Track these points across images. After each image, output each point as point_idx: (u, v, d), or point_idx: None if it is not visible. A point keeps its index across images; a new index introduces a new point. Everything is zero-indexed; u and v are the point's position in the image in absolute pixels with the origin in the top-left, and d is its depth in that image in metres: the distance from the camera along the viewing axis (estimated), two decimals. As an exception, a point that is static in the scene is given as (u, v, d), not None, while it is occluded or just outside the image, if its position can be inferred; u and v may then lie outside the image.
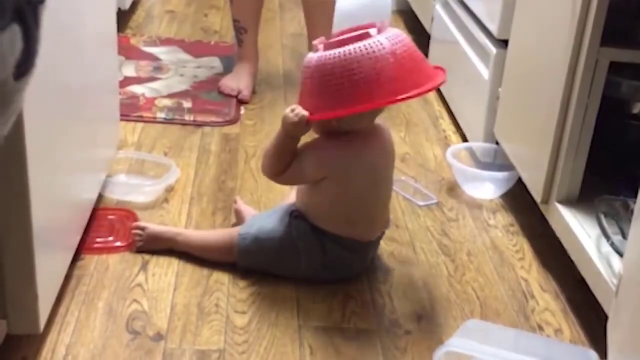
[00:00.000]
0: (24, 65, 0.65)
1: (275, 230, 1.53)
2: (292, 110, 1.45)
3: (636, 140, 1.62)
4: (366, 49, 1.39)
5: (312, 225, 1.51)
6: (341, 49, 1.41)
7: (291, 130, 1.46)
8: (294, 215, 1.53)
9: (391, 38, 1.41)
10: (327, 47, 1.44)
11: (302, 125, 1.44)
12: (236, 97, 2.36)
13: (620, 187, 1.52)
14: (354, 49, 1.40)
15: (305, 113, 1.43)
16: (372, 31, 1.43)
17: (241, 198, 1.81)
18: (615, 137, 1.64)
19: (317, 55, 1.44)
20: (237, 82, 2.40)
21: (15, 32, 0.62)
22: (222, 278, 1.54)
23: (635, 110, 1.65)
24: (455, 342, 1.25)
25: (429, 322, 1.47)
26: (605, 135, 1.57)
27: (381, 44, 1.39)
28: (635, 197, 1.19)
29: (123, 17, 2.90)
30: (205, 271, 1.56)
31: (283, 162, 1.50)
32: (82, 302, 1.43)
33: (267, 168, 1.53)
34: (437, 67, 1.50)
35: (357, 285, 1.55)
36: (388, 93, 1.39)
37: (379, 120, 1.56)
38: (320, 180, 1.49)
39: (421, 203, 1.88)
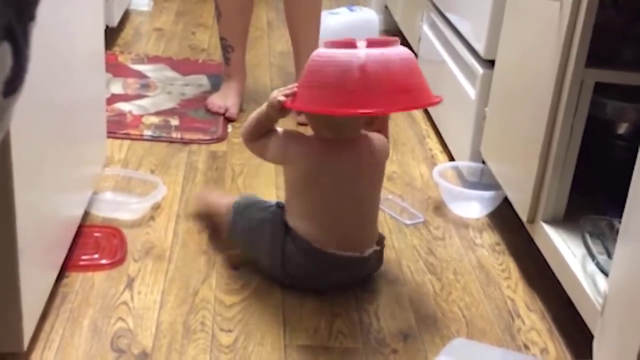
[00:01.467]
0: (13, 82, 0.65)
1: (260, 207, 1.62)
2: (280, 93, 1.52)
3: (621, 160, 1.63)
4: (339, 57, 1.43)
5: (283, 216, 1.57)
6: (328, 51, 1.46)
7: (269, 110, 1.53)
8: (277, 202, 1.61)
9: (371, 55, 1.42)
10: (327, 45, 1.49)
11: (276, 108, 1.51)
12: (223, 114, 2.37)
13: (605, 207, 1.53)
14: (332, 54, 1.44)
15: (282, 99, 1.49)
16: (360, 43, 1.46)
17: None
18: (601, 157, 1.65)
19: (317, 50, 1.50)
20: (225, 100, 2.40)
21: (5, 49, 0.62)
22: (208, 296, 1.53)
23: (620, 131, 1.66)
24: (441, 362, 1.25)
25: (415, 341, 1.46)
26: (591, 155, 1.58)
27: (356, 56, 1.42)
28: (621, 217, 1.19)
29: (111, 35, 2.91)
30: (191, 289, 1.55)
31: (256, 133, 1.58)
32: (66, 320, 1.42)
33: (243, 130, 1.61)
34: (435, 96, 1.52)
35: (344, 304, 1.55)
36: (343, 104, 1.42)
37: (379, 136, 1.61)
38: (286, 170, 1.58)
39: (408, 222, 1.88)
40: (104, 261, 1.60)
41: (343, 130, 1.54)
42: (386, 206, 1.93)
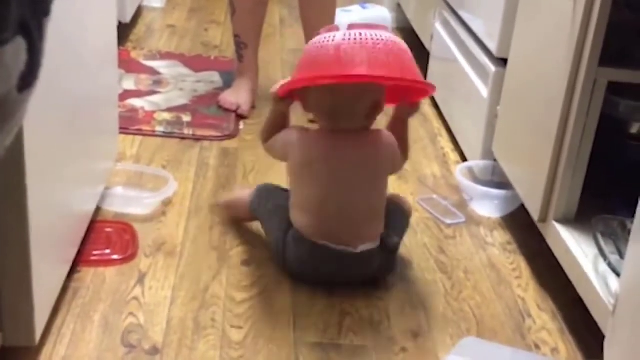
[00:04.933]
0: (28, 77, 0.65)
1: (279, 195, 1.67)
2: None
3: (634, 159, 1.63)
4: (318, 39, 1.50)
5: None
6: (314, 39, 1.52)
7: (272, 104, 1.61)
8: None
9: (348, 35, 1.47)
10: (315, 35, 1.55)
11: (274, 99, 1.59)
12: (235, 112, 2.37)
13: (617, 207, 1.53)
14: (315, 38, 1.51)
15: (275, 89, 1.56)
16: (342, 26, 1.51)
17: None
18: (613, 157, 1.64)
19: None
20: (237, 97, 2.41)
21: (20, 44, 0.63)
22: (218, 292, 1.54)
23: (633, 130, 1.65)
24: (451, 360, 1.25)
25: (425, 339, 1.46)
26: (603, 154, 1.57)
27: (332, 37, 1.48)
28: (633, 216, 1.19)
29: (124, 31, 2.91)
30: (202, 285, 1.55)
31: (268, 132, 1.63)
32: (78, 315, 1.43)
33: (261, 132, 1.67)
34: (425, 83, 1.57)
35: (354, 302, 1.55)
36: (318, 77, 1.49)
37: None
38: (291, 163, 1.60)
39: (449, 222, 1.88)
40: (115, 256, 1.61)
41: (339, 117, 1.55)
42: (429, 206, 1.93)
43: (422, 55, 2.86)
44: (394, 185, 2.01)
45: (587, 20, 1.47)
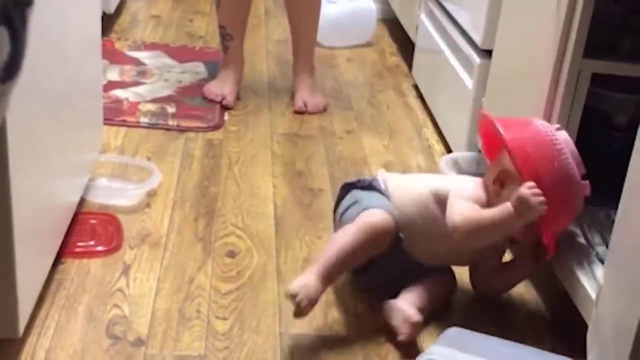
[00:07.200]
0: (11, 68, 0.64)
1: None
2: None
3: (619, 151, 1.63)
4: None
5: None
6: None
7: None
8: None
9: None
10: None
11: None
12: (220, 102, 2.36)
13: (603, 198, 1.53)
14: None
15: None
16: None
17: (223, 205, 1.81)
18: (598, 149, 1.65)
19: None
20: (222, 87, 2.40)
21: (2, 34, 0.62)
22: (203, 284, 1.53)
23: (617, 122, 1.66)
24: (436, 350, 1.25)
25: (410, 330, 1.46)
26: (588, 146, 1.58)
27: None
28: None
29: (108, 21, 2.89)
30: (187, 277, 1.55)
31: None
32: (62, 307, 1.43)
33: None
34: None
35: (339, 293, 1.55)
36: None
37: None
38: None
39: None
40: (99, 248, 1.60)
41: None
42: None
43: (407, 46, 2.86)
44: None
45: (571, 12, 1.47)
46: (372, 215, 1.46)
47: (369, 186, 1.55)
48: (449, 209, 1.44)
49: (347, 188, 1.58)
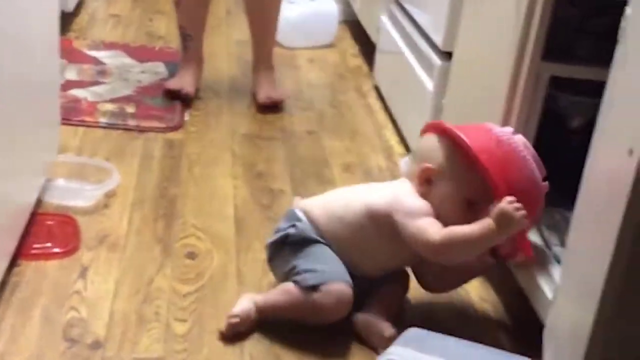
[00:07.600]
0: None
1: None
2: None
3: (575, 153, 1.65)
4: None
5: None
6: None
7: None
8: None
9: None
10: None
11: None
12: (179, 92, 2.34)
13: (560, 199, 1.55)
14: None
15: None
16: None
17: (183, 206, 1.80)
18: (555, 151, 1.66)
19: None
20: (180, 81, 2.38)
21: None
22: (162, 285, 1.52)
23: (574, 124, 1.68)
24: (395, 351, 1.26)
25: (370, 331, 1.47)
26: (546, 148, 1.59)
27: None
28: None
29: (66, 20, 2.86)
30: (145, 278, 1.54)
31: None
32: (17, 310, 1.40)
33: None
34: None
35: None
36: None
37: None
38: None
39: None
40: (56, 250, 1.58)
41: None
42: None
43: (368, 48, 2.87)
44: (341, 178, 2.02)
45: (530, 15, 1.49)
46: (332, 294, 1.39)
47: (302, 240, 1.45)
48: (413, 232, 1.38)
49: (276, 247, 1.49)
